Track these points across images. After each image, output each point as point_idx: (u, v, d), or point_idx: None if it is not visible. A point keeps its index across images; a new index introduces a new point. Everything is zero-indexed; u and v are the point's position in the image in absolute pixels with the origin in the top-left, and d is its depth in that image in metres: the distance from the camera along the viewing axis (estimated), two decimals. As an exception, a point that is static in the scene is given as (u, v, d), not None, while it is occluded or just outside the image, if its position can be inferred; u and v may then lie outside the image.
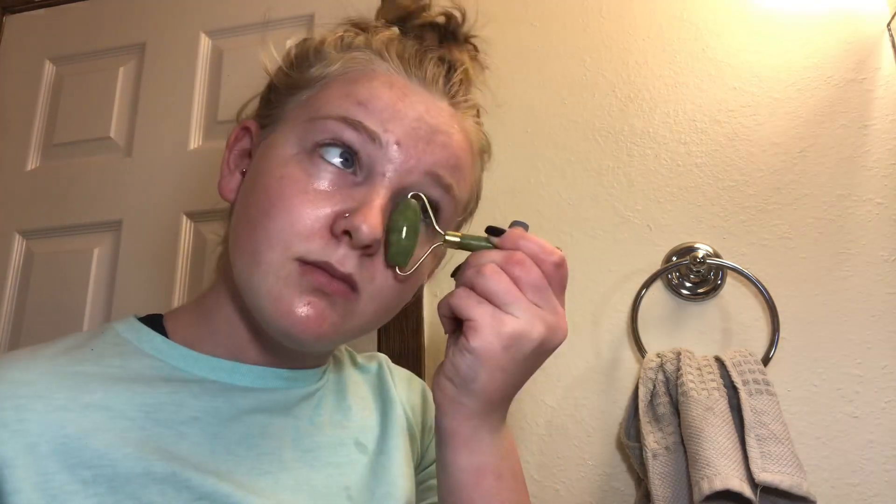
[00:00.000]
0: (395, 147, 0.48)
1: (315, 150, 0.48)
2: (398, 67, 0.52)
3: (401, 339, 1.04)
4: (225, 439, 0.49)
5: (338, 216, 0.46)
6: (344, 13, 0.57)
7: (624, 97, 1.08)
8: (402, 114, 0.49)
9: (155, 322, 0.54)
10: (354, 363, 0.67)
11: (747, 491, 0.75)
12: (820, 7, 1.05)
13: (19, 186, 1.31)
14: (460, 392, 0.46)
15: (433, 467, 0.66)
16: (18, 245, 1.27)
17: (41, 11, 1.43)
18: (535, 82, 1.13)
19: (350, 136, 0.48)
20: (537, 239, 0.46)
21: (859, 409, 0.89)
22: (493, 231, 0.47)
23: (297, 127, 0.50)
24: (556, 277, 0.46)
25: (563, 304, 0.47)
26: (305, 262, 0.46)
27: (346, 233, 0.46)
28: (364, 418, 0.61)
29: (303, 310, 0.45)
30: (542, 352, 0.46)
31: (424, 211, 0.50)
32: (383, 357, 0.70)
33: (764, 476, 0.76)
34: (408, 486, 0.59)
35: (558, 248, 0.46)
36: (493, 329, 0.44)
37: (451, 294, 0.46)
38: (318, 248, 0.46)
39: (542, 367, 0.48)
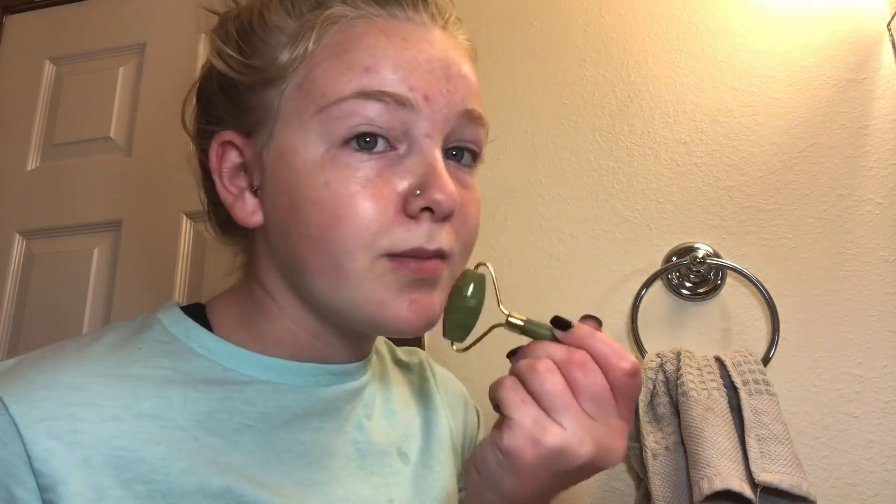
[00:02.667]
0: (424, 103, 0.44)
1: (345, 140, 0.43)
2: (373, 8, 0.46)
3: (401, 339, 1.04)
4: (276, 447, 0.47)
5: (407, 196, 0.43)
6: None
7: (624, 97, 1.08)
8: (413, 62, 0.44)
9: (198, 314, 0.51)
10: (395, 359, 0.64)
11: (747, 491, 0.75)
12: (820, 7, 1.04)
13: (19, 186, 1.31)
14: (485, 485, 0.42)
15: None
16: (18, 245, 1.27)
17: (41, 11, 1.43)
18: (535, 82, 1.13)
19: (375, 109, 0.43)
20: (610, 340, 0.41)
21: (859, 409, 0.89)
22: (560, 323, 0.43)
23: (310, 123, 0.44)
24: (626, 388, 0.40)
25: (630, 419, 0.42)
26: (394, 255, 0.43)
27: (425, 208, 0.43)
28: (407, 426, 0.58)
29: (410, 310, 0.44)
30: (588, 471, 0.41)
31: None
32: (424, 354, 0.67)
33: (764, 476, 0.76)
34: (450, 502, 0.56)
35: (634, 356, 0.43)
36: (531, 436, 0.39)
37: (499, 381, 0.42)
38: (401, 237, 0.43)
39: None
